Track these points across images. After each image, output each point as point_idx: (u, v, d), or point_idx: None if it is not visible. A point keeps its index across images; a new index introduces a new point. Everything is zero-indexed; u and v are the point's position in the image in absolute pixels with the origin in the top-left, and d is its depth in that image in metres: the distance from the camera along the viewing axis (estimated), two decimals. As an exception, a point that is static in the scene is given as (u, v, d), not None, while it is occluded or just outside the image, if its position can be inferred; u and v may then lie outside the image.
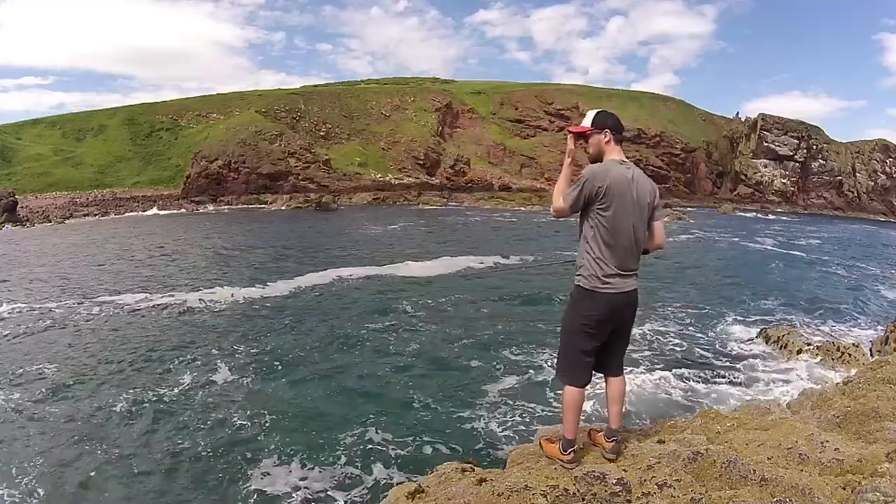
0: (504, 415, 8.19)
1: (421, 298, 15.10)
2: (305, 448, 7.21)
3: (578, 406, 3.27)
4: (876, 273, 23.13)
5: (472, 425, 7.87)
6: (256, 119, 58.11)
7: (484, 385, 9.31)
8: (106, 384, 9.22)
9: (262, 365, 10.18)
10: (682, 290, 17.29)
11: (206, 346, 11.05)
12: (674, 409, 8.31)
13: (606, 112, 3.38)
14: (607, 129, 3.26)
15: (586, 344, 3.17)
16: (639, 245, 3.17)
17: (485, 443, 7.37)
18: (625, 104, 77.94)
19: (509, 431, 7.64)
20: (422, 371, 10.00)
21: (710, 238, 33.37)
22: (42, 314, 13.25)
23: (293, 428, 7.77)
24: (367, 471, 6.69)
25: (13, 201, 35.73)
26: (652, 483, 2.76)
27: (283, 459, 6.92)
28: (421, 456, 6.97)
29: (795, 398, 5.19)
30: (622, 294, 3.12)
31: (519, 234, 30.72)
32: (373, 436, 7.52)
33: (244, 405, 8.51)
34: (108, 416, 8.07)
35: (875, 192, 68.26)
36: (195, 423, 7.89)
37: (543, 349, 10.73)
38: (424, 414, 8.25)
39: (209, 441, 7.39)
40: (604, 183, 3.02)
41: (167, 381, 9.36)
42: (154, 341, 11.40)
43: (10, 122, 66.73)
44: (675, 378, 9.76)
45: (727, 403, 8.39)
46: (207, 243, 25.51)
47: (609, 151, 3.23)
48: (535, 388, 9.13)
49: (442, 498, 3.01)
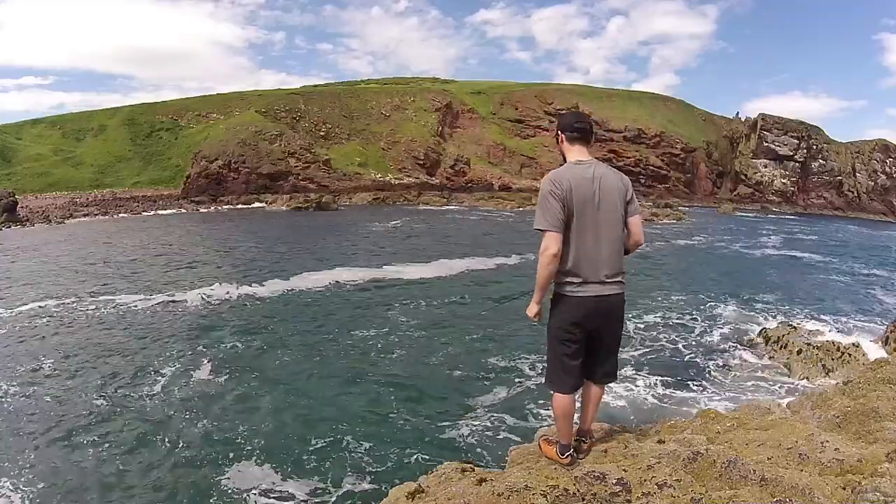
0: (504, 415, 8.19)
1: (420, 300, 15.10)
2: (305, 448, 7.20)
3: (569, 412, 3.19)
4: (876, 273, 23.12)
5: (471, 425, 7.87)
6: (256, 119, 58.11)
7: (484, 385, 9.31)
8: (90, 380, 9.31)
9: (261, 365, 10.18)
10: (682, 290, 17.29)
11: (200, 347, 11.04)
12: (673, 409, 8.31)
13: (564, 113, 3.30)
14: (560, 130, 3.17)
15: (567, 348, 3.08)
16: (612, 245, 3.02)
17: (485, 443, 7.37)
18: (625, 104, 77.93)
19: (509, 431, 7.64)
20: (421, 372, 10.00)
21: (710, 238, 33.37)
22: (41, 314, 13.25)
23: (292, 429, 7.76)
24: (367, 471, 6.69)
25: (13, 201, 35.71)
26: (652, 483, 2.76)
27: (283, 460, 6.92)
28: (421, 456, 6.97)
29: (795, 398, 5.19)
30: (598, 298, 3.00)
31: (519, 234, 30.73)
32: (372, 436, 7.52)
33: (240, 406, 8.51)
34: (89, 413, 8.17)
35: (875, 192, 68.26)
36: (183, 421, 7.89)
37: (543, 351, 10.73)
38: (424, 414, 8.25)
39: (199, 440, 7.39)
40: (562, 186, 2.92)
41: (154, 379, 9.40)
42: (146, 341, 11.40)
43: (10, 122, 66.79)
44: (675, 378, 9.76)
45: (727, 403, 8.39)
46: (206, 244, 25.51)
47: (567, 152, 3.12)
48: (534, 388, 9.13)
49: (442, 498, 3.01)
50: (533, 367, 10.01)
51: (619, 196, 3.06)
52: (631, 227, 3.13)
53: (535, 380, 9.45)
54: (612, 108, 73.55)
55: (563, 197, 2.92)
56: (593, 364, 3.23)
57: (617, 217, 3.05)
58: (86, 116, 67.99)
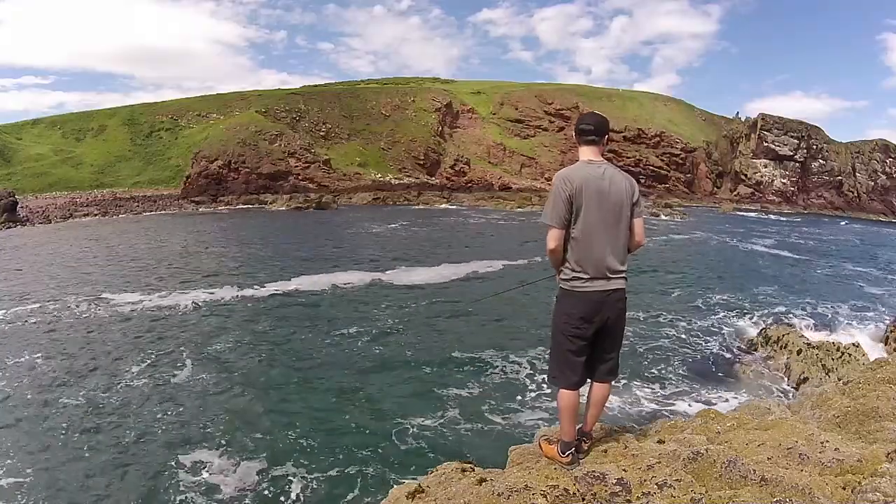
0: (504, 415, 8.19)
1: (420, 300, 15.10)
2: (305, 448, 7.21)
3: (574, 408, 3.24)
4: (875, 273, 23.12)
5: (471, 425, 7.87)
6: (256, 119, 58.10)
7: (484, 385, 9.31)
8: (76, 380, 9.38)
9: (261, 365, 10.18)
10: (682, 289, 17.29)
11: (193, 347, 11.05)
12: (673, 409, 8.31)
13: (581, 116, 3.38)
14: (575, 133, 3.28)
15: (572, 344, 3.16)
16: (618, 243, 3.12)
17: (485, 443, 7.37)
18: (625, 104, 77.94)
19: (509, 431, 7.64)
20: (420, 372, 10.00)
21: (710, 238, 33.37)
22: (39, 313, 13.25)
23: (292, 429, 7.76)
24: (367, 470, 6.69)
25: (13, 201, 35.71)
26: (652, 483, 2.76)
27: (283, 460, 6.92)
28: (421, 456, 6.97)
29: (795, 398, 5.19)
30: (602, 293, 3.08)
31: (519, 233, 30.72)
32: (372, 436, 7.52)
33: (240, 406, 8.51)
34: (73, 410, 8.25)
35: (875, 192, 68.28)
36: (183, 420, 7.89)
37: (544, 351, 10.73)
38: (423, 414, 8.24)
39: (199, 440, 7.39)
40: (573, 184, 3.02)
41: (145, 378, 9.44)
42: (141, 341, 11.42)
43: (10, 122, 66.76)
44: (675, 378, 9.77)
45: (727, 403, 8.39)
46: (205, 244, 25.51)
47: (580, 154, 3.22)
48: (534, 388, 9.13)
49: (442, 498, 3.01)
50: (533, 367, 10.02)
51: (626, 197, 3.15)
52: (634, 227, 3.22)
53: (535, 380, 9.45)
54: (612, 108, 73.44)
55: (572, 194, 3.01)
56: (596, 361, 3.29)
57: (623, 217, 3.14)
58: (86, 116, 68.00)
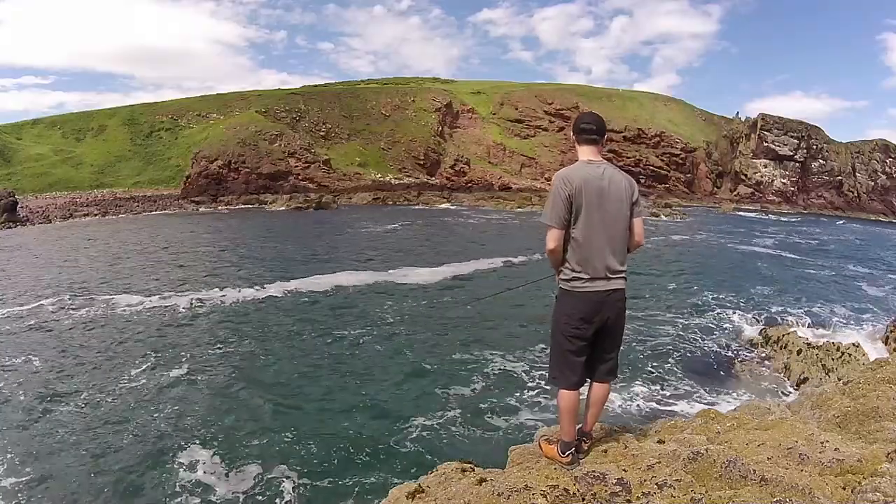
0: (504, 415, 8.19)
1: (419, 300, 15.10)
2: (305, 448, 7.20)
3: (574, 408, 3.23)
4: (875, 273, 23.12)
5: (471, 425, 7.87)
6: (256, 119, 58.09)
7: (484, 385, 9.31)
8: (72, 379, 9.41)
9: (261, 365, 10.18)
10: (682, 289, 17.29)
11: (192, 347, 11.05)
12: (673, 409, 8.31)
13: (580, 115, 3.38)
14: (574, 132, 3.27)
15: (572, 344, 3.16)
16: (618, 243, 3.13)
17: (485, 443, 7.37)
18: (624, 104, 77.92)
19: (509, 431, 7.64)
20: (420, 372, 10.00)
21: (710, 238, 33.36)
22: (38, 313, 13.25)
23: (292, 429, 7.76)
24: (367, 470, 6.69)
25: (13, 201, 35.71)
26: (652, 483, 2.76)
27: (283, 460, 6.92)
28: (421, 456, 6.97)
29: (795, 398, 5.19)
30: (602, 293, 3.08)
31: (519, 233, 30.70)
32: (372, 436, 7.52)
33: (240, 406, 8.51)
34: (68, 407, 8.33)
35: (875, 192, 68.27)
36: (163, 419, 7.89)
37: (544, 351, 10.73)
38: (423, 414, 8.24)
39: (197, 440, 7.39)
40: (572, 184, 3.01)
41: (144, 378, 9.45)
42: (140, 341, 11.43)
43: (10, 122, 66.75)
44: (675, 378, 9.77)
45: (727, 403, 8.39)
46: (205, 244, 25.51)
47: (580, 153, 3.21)
48: (534, 388, 9.13)
49: (442, 498, 3.01)
50: (533, 367, 10.02)
51: (626, 197, 3.15)
52: (633, 227, 3.22)
53: (534, 380, 9.45)
54: (612, 108, 73.45)
55: (571, 194, 3.01)
56: (596, 361, 3.29)
57: (622, 217, 3.14)
58: (86, 116, 67.99)
